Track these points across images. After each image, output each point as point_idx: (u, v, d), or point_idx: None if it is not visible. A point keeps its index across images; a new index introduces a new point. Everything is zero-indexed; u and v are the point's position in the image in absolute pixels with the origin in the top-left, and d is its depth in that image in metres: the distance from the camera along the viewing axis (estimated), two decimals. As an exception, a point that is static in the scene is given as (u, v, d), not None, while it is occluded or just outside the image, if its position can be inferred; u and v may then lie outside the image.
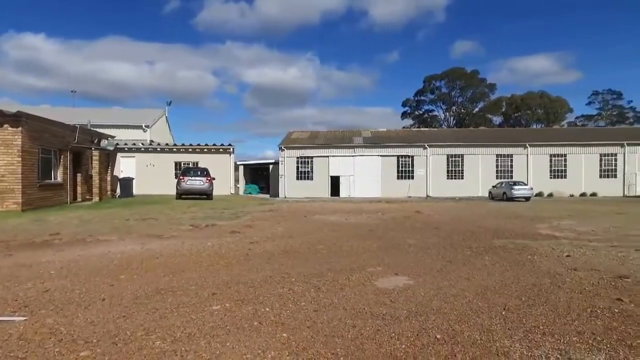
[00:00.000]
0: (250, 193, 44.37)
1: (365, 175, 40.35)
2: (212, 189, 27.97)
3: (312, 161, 41.06)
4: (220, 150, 36.15)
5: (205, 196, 27.80)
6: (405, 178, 40.27)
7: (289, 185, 40.52)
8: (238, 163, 46.69)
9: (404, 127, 69.72)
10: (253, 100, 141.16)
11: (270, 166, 46.09)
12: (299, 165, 41.14)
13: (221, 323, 4.59)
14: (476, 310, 5.02)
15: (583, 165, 39.43)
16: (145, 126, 40.66)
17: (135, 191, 30.49)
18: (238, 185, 45.12)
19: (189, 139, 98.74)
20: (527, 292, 5.76)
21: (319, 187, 40.20)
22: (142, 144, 36.63)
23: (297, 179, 41.01)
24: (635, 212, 18.94)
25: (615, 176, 39.31)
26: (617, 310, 4.95)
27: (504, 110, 74.97)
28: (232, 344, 4.03)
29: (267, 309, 5.07)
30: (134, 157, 34.71)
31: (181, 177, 27.97)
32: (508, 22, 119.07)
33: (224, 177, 34.65)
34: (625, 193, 38.58)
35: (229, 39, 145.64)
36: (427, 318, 4.77)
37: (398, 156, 40.47)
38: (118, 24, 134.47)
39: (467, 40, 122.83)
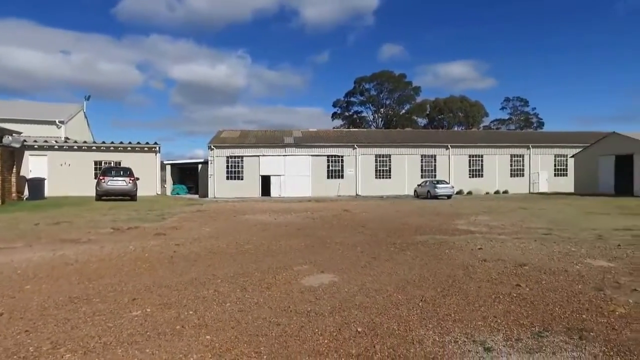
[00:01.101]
0: (178, 194, 42.73)
1: (296, 174, 40.59)
2: (136, 189, 26.53)
3: (242, 161, 40.49)
4: (146, 149, 34.40)
5: (128, 197, 26.31)
6: (335, 177, 41.09)
7: (218, 185, 39.61)
8: (165, 162, 44.74)
9: (334, 128, 71.13)
10: (181, 97, 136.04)
11: (199, 166, 44.72)
12: (229, 164, 40.37)
13: (141, 329, 4.42)
14: (396, 303, 5.29)
15: (497, 166, 42.86)
16: (59, 122, 37.39)
17: (47, 193, 27.98)
18: (165, 186, 43.24)
19: (111, 137, 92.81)
20: (442, 284, 6.17)
21: (249, 187, 39.74)
22: (56, 141, 33.70)
23: (227, 178, 40.23)
24: (537, 207, 20.95)
25: (523, 175, 43.21)
26: (515, 295, 5.49)
27: (428, 112, 79.28)
28: (151, 350, 3.89)
29: (191, 312, 4.96)
30: (45, 155, 31.82)
31: (101, 177, 26.12)
32: (432, 29, 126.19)
33: (150, 177, 33.02)
34: (531, 190, 42.53)
35: (154, 32, 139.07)
36: (349, 313, 4.95)
37: (328, 156, 41.20)
38: (20, 5, 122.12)
39: (395, 44, 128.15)
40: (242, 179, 40.34)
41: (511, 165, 43.31)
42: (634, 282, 6.06)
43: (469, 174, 42.55)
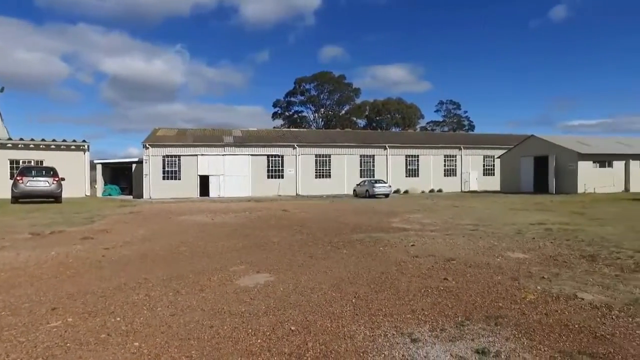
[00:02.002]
0: (110, 195, 40.44)
1: (236, 174, 39.96)
2: (61, 190, 24.70)
3: (179, 160, 39.15)
4: (73, 147, 32.18)
5: (52, 199, 24.45)
6: (275, 177, 40.95)
7: (154, 186, 38.00)
8: (95, 162, 42.15)
9: (274, 127, 70.85)
10: (113, 93, 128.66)
11: (134, 165, 42.61)
12: (166, 164, 38.88)
13: (60, 341, 4.14)
14: (330, 301, 5.40)
15: (431, 165, 44.92)
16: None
17: (-46, 195, 25.32)
18: (96, 187, 40.74)
19: (31, 133, 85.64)
20: (375, 280, 6.38)
21: (187, 187, 38.52)
22: (-36, 138, 30.60)
23: (164, 178, 38.72)
24: (467, 205, 22.28)
25: (455, 175, 45.67)
26: (442, 288, 5.81)
27: (367, 113, 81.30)
28: (71, 361, 3.68)
29: (118, 319, 4.74)
30: (-48, 153, 28.79)
31: (18, 178, 23.94)
32: (371, 32, 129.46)
33: (78, 178, 30.96)
34: (462, 189, 45.05)
35: (81, 21, 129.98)
36: (284, 312, 4.98)
37: (268, 155, 40.97)
38: None
39: (335, 46, 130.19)
40: (179, 179, 39.00)
41: (445, 165, 45.59)
42: (543, 271, 6.65)
43: (406, 174, 44.22)
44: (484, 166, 46.71)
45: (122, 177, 46.94)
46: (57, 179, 24.50)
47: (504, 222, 13.42)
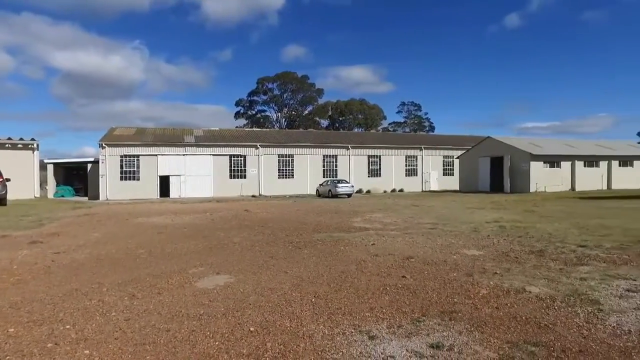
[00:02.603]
0: (62, 196, 38.62)
1: (197, 174, 39.18)
2: (6, 192, 23.34)
3: (138, 160, 37.93)
4: (20, 145, 30.50)
5: (-4, 201, 23.05)
6: (237, 177, 40.47)
7: (111, 187, 36.63)
8: (46, 161, 40.10)
9: (237, 127, 69.95)
10: (66, 89, 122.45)
11: (89, 165, 40.86)
12: (124, 164, 37.56)
13: None
14: (289, 301, 5.41)
15: (393, 166, 45.74)
16: None
17: None
18: (46, 188, 38.79)
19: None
20: (336, 279, 6.45)
21: (146, 188, 37.38)
22: None
23: (122, 179, 37.40)
24: (427, 204, 22.87)
25: (416, 175, 46.74)
26: (401, 286, 5.95)
27: (330, 114, 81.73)
28: (15, 372, 3.50)
29: (68, 327, 4.54)
30: None
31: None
32: (334, 32, 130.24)
33: (25, 178, 29.36)
34: (423, 189, 46.19)
35: (25, 10, 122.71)
36: (243, 313, 4.94)
37: (231, 155, 40.43)
38: None
39: (299, 46, 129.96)
40: (138, 180, 37.77)
41: (406, 166, 46.56)
42: (496, 267, 6.94)
43: (368, 174, 44.82)
44: (443, 166, 48.06)
45: (76, 177, 44.94)
46: (1, 179, 23.13)
47: (461, 221, 13.87)
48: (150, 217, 17.17)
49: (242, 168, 40.77)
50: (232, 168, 40.51)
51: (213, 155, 39.87)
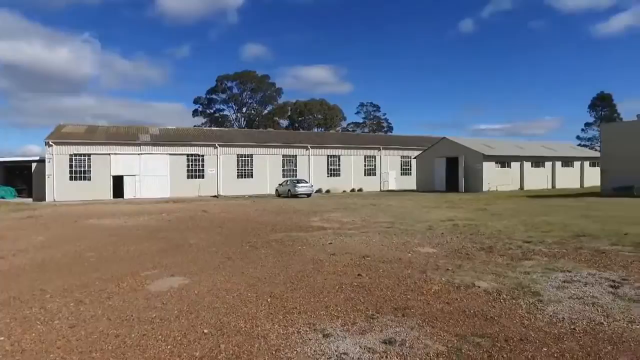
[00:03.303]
0: (3, 197, 36.27)
1: (153, 174, 37.97)
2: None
3: (89, 159, 36.26)
4: (-44, 144, 28.32)
5: None
6: (195, 177, 39.59)
7: (59, 187, 34.80)
8: (-16, 161, 37.54)
9: (195, 126, 68.42)
10: (6, 82, 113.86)
11: (34, 164, 38.59)
12: (73, 163, 35.78)
13: None
14: (245, 301, 5.37)
15: (352, 166, 46.27)
16: None
17: None
18: (-15, 189, 36.34)
19: None
20: (292, 279, 6.46)
21: (98, 189, 35.80)
22: None
23: (71, 179, 35.61)
24: (385, 203, 23.32)
25: (375, 174, 47.52)
26: (356, 284, 6.04)
27: (290, 114, 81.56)
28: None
29: (2, 338, 4.28)
30: None
31: None
32: (294, 32, 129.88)
33: (-38, 179, 27.34)
34: (382, 188, 47.02)
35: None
36: (197, 315, 4.86)
37: (188, 155, 39.49)
38: None
39: (259, 44, 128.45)
40: (89, 180, 36.11)
41: (365, 166, 47.22)
42: (448, 264, 7.19)
43: (328, 174, 45.10)
44: (401, 166, 49.13)
45: (19, 177, 42.34)
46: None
47: (417, 220, 14.24)
48: (101, 219, 16.48)
49: (200, 168, 39.91)
50: (190, 168, 39.58)
51: (170, 154, 38.79)
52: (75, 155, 35.81)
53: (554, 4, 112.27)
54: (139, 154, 37.74)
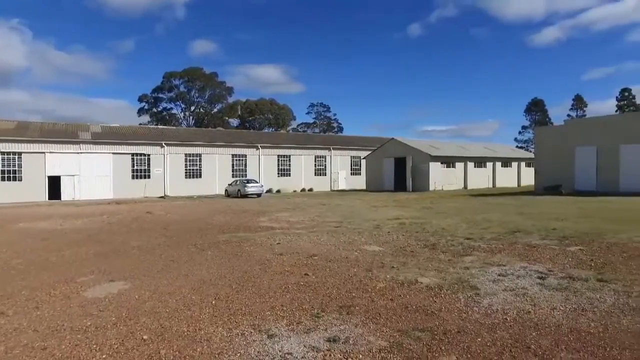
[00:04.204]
0: None
1: (94, 175, 36.02)
2: None
3: (20, 158, 33.77)
4: None
5: None
6: (141, 177, 38.02)
7: (-15, 189, 32.13)
8: None
9: (140, 124, 65.64)
10: None
11: (-44, 164, 35.37)
12: (1, 162, 33.17)
13: None
14: (189, 304, 5.22)
15: (303, 165, 46.36)
16: None
17: None
18: None
19: None
20: (238, 280, 6.36)
21: (31, 190, 33.41)
22: None
23: (-1, 180, 33.00)
24: (334, 203, 23.57)
25: (325, 174, 47.91)
26: (303, 284, 6.05)
27: (240, 113, 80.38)
28: None
29: None
30: None
31: None
32: (244, 30, 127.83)
33: None
34: (332, 188, 47.50)
35: None
36: (137, 321, 4.66)
37: (133, 154, 37.84)
38: None
39: (208, 41, 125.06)
40: (20, 180, 33.62)
41: (315, 166, 47.47)
42: (393, 261, 7.38)
43: (278, 173, 44.91)
44: (351, 166, 49.86)
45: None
46: None
47: (365, 218, 14.51)
48: (34, 222, 15.40)
49: (146, 168, 38.37)
50: (135, 168, 37.93)
51: (113, 153, 36.97)
52: (3, 153, 33.23)
53: (495, 13, 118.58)
54: (78, 153, 35.67)
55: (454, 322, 4.45)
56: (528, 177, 41.08)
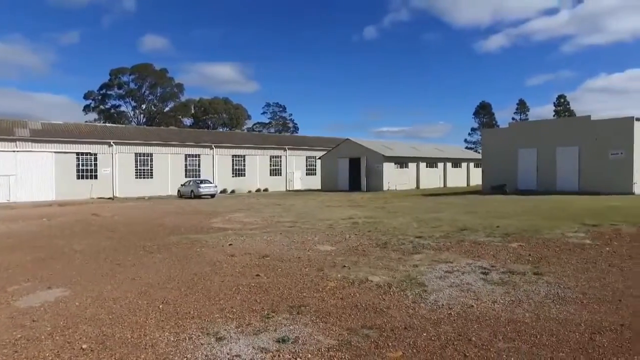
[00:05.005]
0: None
1: (34, 175, 33.84)
2: None
3: (-52, 157, 31.18)
4: None
5: None
6: (87, 178, 36.16)
7: None
8: None
9: (87, 122, 62.45)
10: None
11: None
12: None
13: None
14: (134, 309, 5.03)
15: (258, 166, 45.93)
16: None
17: None
18: None
19: None
20: (188, 283, 6.20)
21: (-38, 192, 30.94)
22: None
23: None
24: (289, 203, 23.54)
25: (280, 174, 47.72)
26: (254, 285, 6.00)
27: (193, 112, 78.41)
28: None
29: None
30: None
31: None
32: (198, 26, 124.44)
33: None
34: (288, 188, 47.39)
35: None
36: (76, 330, 4.43)
37: (78, 153, 35.91)
38: None
39: (159, 36, 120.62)
40: (-52, 181, 31.03)
41: (270, 166, 47.16)
42: (345, 260, 7.47)
43: (233, 174, 44.21)
44: (307, 166, 49.95)
45: None
46: None
47: (319, 218, 14.59)
48: (-36, 226, 14.26)
49: (93, 168, 36.52)
50: (81, 167, 35.99)
51: (55, 152, 34.88)
52: None
53: (446, 19, 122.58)
54: (14, 151, 33.37)
55: (402, 318, 4.57)
56: (477, 177, 42.88)
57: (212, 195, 33.33)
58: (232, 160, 44.44)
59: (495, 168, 30.16)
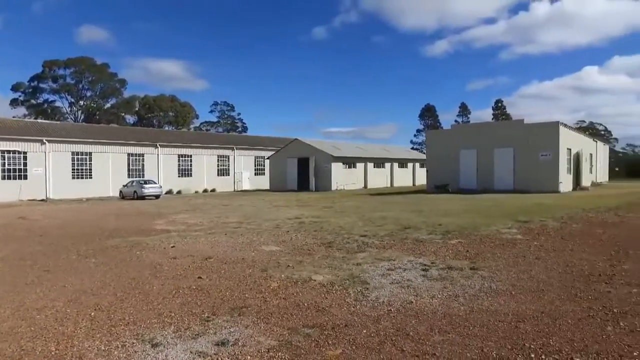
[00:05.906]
0: None
1: (-46, 175, 30.96)
2: None
3: None
4: None
5: None
6: (15, 178, 33.52)
7: None
8: None
9: (14, 117, 57.95)
10: None
11: None
12: None
13: None
14: (61, 319, 4.71)
15: (205, 165, 44.80)
16: None
17: None
18: None
19: None
20: (124, 287, 5.91)
21: None
22: None
23: None
24: (236, 203, 23.15)
25: (228, 174, 46.86)
26: (195, 287, 5.83)
27: (137, 109, 75.11)
28: None
29: None
30: None
31: None
32: (142, 20, 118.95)
33: None
34: (235, 188, 46.63)
35: None
36: (-10, 345, 4.07)
37: (4, 151, 33.24)
38: None
39: (98, 28, 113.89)
40: None
41: (218, 165, 46.16)
42: (290, 260, 7.45)
43: (179, 174, 42.83)
44: (255, 166, 49.39)
45: None
46: None
47: (266, 218, 14.46)
48: None
49: (22, 167, 33.92)
50: (7, 167, 33.32)
51: (-23, 150, 32.11)
52: None
53: (394, 23, 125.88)
54: None
55: (343, 316, 4.62)
56: (422, 177, 44.37)
57: (157, 196, 32.13)
58: (178, 159, 43.09)
59: (439, 168, 31.38)
